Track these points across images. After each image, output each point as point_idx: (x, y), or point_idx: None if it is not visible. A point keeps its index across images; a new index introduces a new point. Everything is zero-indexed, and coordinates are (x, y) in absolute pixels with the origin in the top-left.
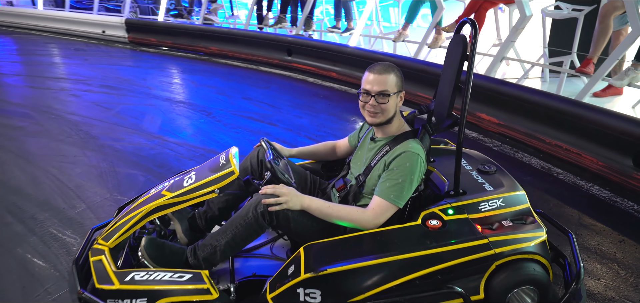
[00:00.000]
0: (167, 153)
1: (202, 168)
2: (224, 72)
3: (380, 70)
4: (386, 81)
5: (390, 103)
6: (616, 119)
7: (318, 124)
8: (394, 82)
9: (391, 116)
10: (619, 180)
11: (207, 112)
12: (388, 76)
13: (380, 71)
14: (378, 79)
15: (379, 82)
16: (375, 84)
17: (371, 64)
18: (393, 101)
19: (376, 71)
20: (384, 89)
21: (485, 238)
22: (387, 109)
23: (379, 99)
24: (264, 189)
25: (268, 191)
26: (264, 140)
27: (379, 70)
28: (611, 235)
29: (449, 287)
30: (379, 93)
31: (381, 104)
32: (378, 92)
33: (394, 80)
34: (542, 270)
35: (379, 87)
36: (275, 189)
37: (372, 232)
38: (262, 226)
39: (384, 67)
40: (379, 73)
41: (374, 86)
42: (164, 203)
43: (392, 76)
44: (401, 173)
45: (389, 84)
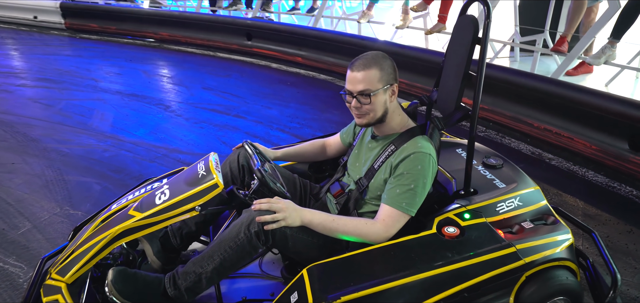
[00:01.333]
0: (124, 155)
1: (176, 181)
2: (178, 59)
3: (359, 66)
4: (367, 78)
5: (376, 102)
6: (611, 101)
7: (289, 115)
8: (377, 77)
9: (381, 115)
10: (615, 164)
11: (165, 106)
12: (369, 72)
13: (359, 67)
14: (358, 77)
15: (359, 80)
16: (355, 83)
17: (352, 60)
18: (379, 99)
19: (355, 67)
20: (365, 89)
21: (511, 246)
22: (373, 109)
23: (362, 99)
24: (257, 204)
25: (263, 207)
26: (247, 143)
27: (358, 66)
28: (617, 225)
29: None
30: (360, 93)
31: (364, 105)
32: (359, 92)
33: (377, 75)
34: (573, 277)
35: (361, 86)
36: (270, 204)
37: (382, 246)
38: (256, 248)
39: (364, 62)
40: (357, 70)
41: (354, 85)
42: (132, 225)
43: (373, 70)
44: (412, 177)
45: (371, 81)
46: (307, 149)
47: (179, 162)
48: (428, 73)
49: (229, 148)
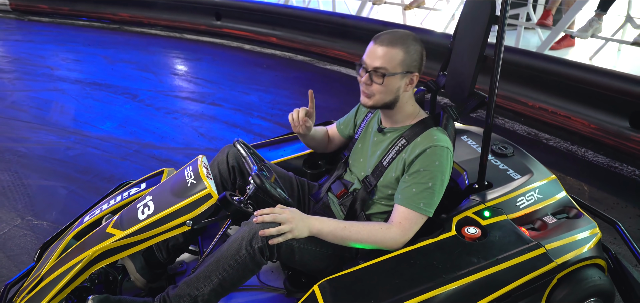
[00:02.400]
0: (91, 153)
1: (161, 191)
2: (142, 43)
3: (384, 41)
4: (388, 56)
5: (389, 85)
6: (610, 78)
7: (270, 101)
8: (399, 58)
9: (389, 101)
10: (615, 143)
11: (132, 95)
12: (391, 50)
13: (384, 42)
14: (378, 52)
15: (378, 55)
16: (373, 58)
17: (379, 32)
18: (393, 84)
19: (379, 41)
20: (381, 66)
21: (541, 247)
22: (383, 91)
23: (375, 77)
24: (259, 216)
25: (266, 219)
26: (239, 142)
27: (382, 40)
28: (626, 209)
29: None
30: (374, 70)
31: (376, 83)
32: (374, 68)
33: (400, 56)
34: (605, 275)
35: (378, 62)
36: (274, 215)
37: (399, 253)
38: (260, 264)
39: (390, 38)
40: (381, 44)
41: (371, 60)
42: (112, 245)
43: (397, 50)
44: (430, 174)
45: (391, 60)
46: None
47: (154, 158)
48: None
49: (208, 141)
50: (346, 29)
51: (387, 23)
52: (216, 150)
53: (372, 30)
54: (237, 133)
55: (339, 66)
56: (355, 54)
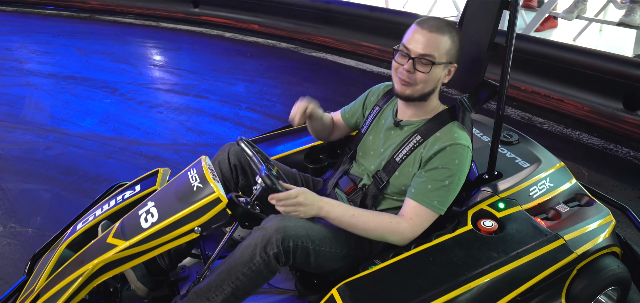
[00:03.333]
0: (73, 152)
1: (164, 196)
2: (116, 32)
3: (432, 27)
4: (436, 43)
5: (433, 75)
6: (603, 60)
7: (257, 91)
8: (446, 47)
9: (428, 92)
10: (609, 125)
11: (111, 89)
12: (441, 38)
13: (431, 28)
14: (426, 38)
15: (425, 42)
16: (419, 44)
17: (422, 18)
18: (438, 73)
19: (427, 26)
20: (429, 53)
21: (559, 238)
22: (426, 80)
23: (419, 65)
24: (275, 201)
25: (280, 206)
26: (243, 141)
27: (431, 26)
28: (625, 192)
29: None
30: (421, 56)
31: (420, 72)
32: (420, 54)
33: (448, 45)
34: (622, 263)
35: (423, 49)
36: (287, 198)
37: (418, 251)
38: (274, 271)
39: (439, 24)
40: (429, 30)
41: (417, 46)
42: (115, 257)
43: (446, 38)
44: (448, 172)
45: (439, 47)
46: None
47: (141, 156)
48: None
49: (196, 135)
50: (331, 14)
51: (372, 8)
52: (206, 145)
53: (357, 16)
54: (226, 126)
55: (325, 52)
56: (342, 40)
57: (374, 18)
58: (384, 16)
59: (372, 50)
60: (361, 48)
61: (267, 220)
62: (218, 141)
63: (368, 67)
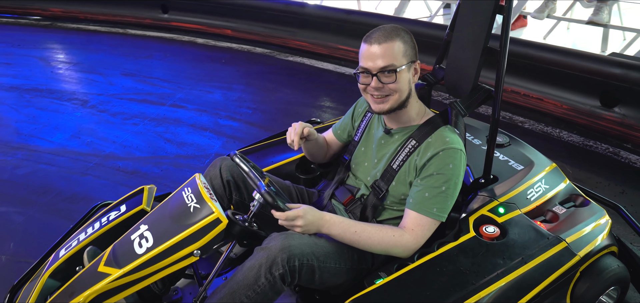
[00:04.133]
0: (45, 171)
1: (158, 218)
2: (81, 41)
3: (380, 38)
4: (390, 52)
5: (401, 80)
6: (580, 59)
7: (236, 99)
8: (401, 50)
9: (406, 97)
10: (587, 122)
11: (81, 101)
12: (391, 44)
13: (379, 39)
14: (379, 50)
15: (379, 54)
16: (376, 59)
17: (368, 33)
18: (404, 77)
19: (374, 39)
20: (388, 64)
21: (562, 241)
22: (397, 89)
23: (384, 77)
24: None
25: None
26: (237, 156)
27: (378, 38)
28: (608, 188)
29: None
30: (382, 70)
31: (387, 84)
32: (381, 68)
33: (401, 48)
34: (621, 262)
35: (382, 62)
36: (286, 218)
37: (424, 262)
38: (280, 292)
39: (384, 34)
40: (378, 42)
41: (374, 61)
42: (108, 287)
43: (396, 43)
44: (444, 178)
45: (395, 54)
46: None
47: (119, 171)
48: None
49: (177, 147)
50: (307, 18)
51: (348, 11)
52: (188, 157)
53: (334, 19)
54: (206, 136)
55: (302, 56)
56: (318, 43)
57: (351, 21)
58: (360, 19)
59: (349, 53)
60: (338, 51)
61: (270, 239)
62: (200, 152)
63: (346, 71)
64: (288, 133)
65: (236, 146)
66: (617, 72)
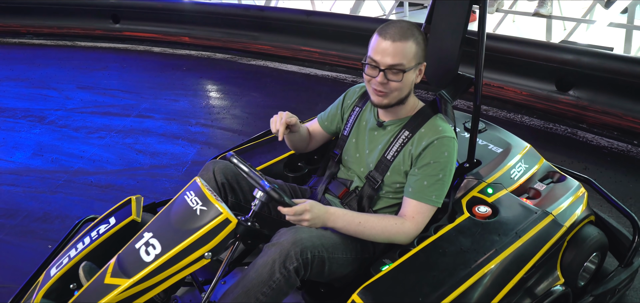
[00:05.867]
0: (9, 191)
1: (162, 225)
2: (27, 56)
3: (395, 35)
4: (403, 51)
5: (406, 81)
6: (536, 48)
7: (204, 106)
8: (412, 52)
9: (405, 96)
10: (546, 107)
11: (38, 117)
12: (406, 44)
13: (394, 36)
14: (391, 48)
15: (392, 52)
16: (386, 55)
17: (383, 26)
18: (410, 78)
19: (389, 36)
20: (398, 63)
21: (549, 214)
22: (401, 88)
23: (391, 75)
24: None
25: (292, 219)
26: (235, 157)
27: (393, 35)
28: (572, 165)
29: (553, 291)
30: (390, 67)
31: (392, 81)
32: (390, 65)
33: (414, 49)
34: (600, 230)
35: (392, 60)
36: (295, 213)
37: (426, 245)
38: (293, 285)
39: (401, 32)
40: (393, 40)
41: (384, 57)
42: (120, 297)
43: (411, 43)
44: (440, 166)
45: (406, 54)
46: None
47: (92, 186)
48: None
49: (150, 157)
50: (267, 21)
51: (309, 12)
52: (164, 166)
53: (294, 21)
54: (180, 145)
55: (265, 60)
56: (281, 46)
57: (312, 22)
58: (322, 20)
59: (313, 54)
60: (302, 53)
61: (279, 235)
62: (175, 160)
63: (311, 72)
64: (272, 121)
65: (212, 153)
66: (569, 58)
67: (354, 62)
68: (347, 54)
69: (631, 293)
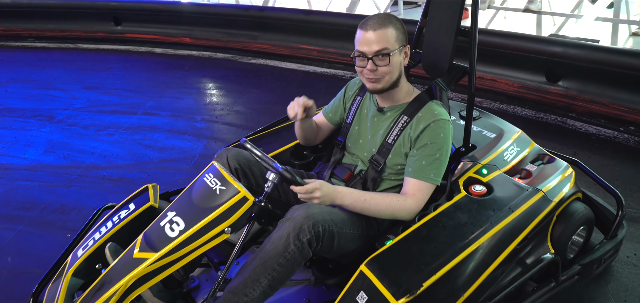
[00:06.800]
0: (25, 186)
1: (184, 204)
2: (31, 58)
3: (375, 25)
4: (384, 37)
5: (393, 63)
6: (526, 41)
7: (208, 103)
8: (394, 36)
9: (397, 78)
10: (537, 97)
11: (47, 117)
12: (386, 30)
13: (374, 26)
14: (374, 36)
15: (375, 40)
16: (371, 44)
17: (363, 21)
18: (396, 60)
19: (370, 26)
20: (382, 48)
21: (539, 191)
22: (390, 71)
23: (378, 60)
24: (302, 194)
25: (315, 201)
26: (248, 143)
27: (373, 25)
28: (562, 151)
29: (543, 258)
30: (377, 53)
31: (381, 66)
32: (376, 52)
33: (394, 34)
34: (586, 206)
35: (377, 46)
36: (306, 191)
37: (427, 220)
38: (306, 257)
39: (379, 21)
40: (373, 29)
41: (370, 46)
42: (148, 269)
43: (390, 29)
44: (437, 146)
45: (389, 39)
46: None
47: (105, 180)
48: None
49: (159, 152)
50: (266, 21)
51: (307, 11)
52: (172, 160)
53: (293, 20)
54: (187, 140)
55: (265, 59)
56: (279, 45)
57: (310, 21)
58: (320, 19)
59: (311, 52)
60: (300, 51)
61: (292, 211)
62: (183, 155)
63: (310, 69)
64: (290, 107)
65: (219, 147)
66: (558, 51)
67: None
68: (345, 51)
69: (616, 264)
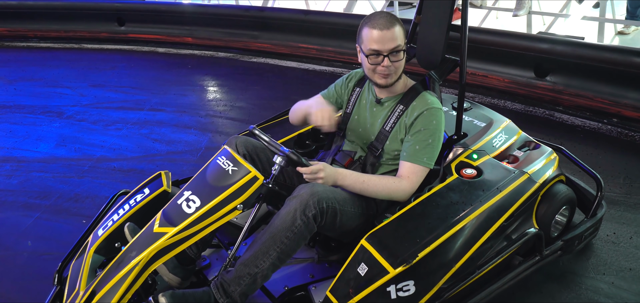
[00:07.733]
0: (40, 177)
1: (199, 184)
2: (37, 58)
3: (386, 23)
4: (396, 35)
5: (403, 59)
6: (515, 38)
7: (212, 99)
8: (402, 33)
9: (401, 72)
10: (526, 92)
11: (56, 113)
12: (396, 28)
13: (387, 25)
14: (387, 35)
15: (390, 38)
16: (386, 42)
17: (369, 19)
18: (403, 55)
19: (382, 25)
20: (396, 45)
21: (525, 173)
22: (400, 66)
23: (393, 57)
24: (308, 174)
25: (318, 181)
26: (256, 129)
27: (385, 24)
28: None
29: (528, 232)
30: (392, 51)
31: (395, 62)
32: (391, 49)
33: (401, 31)
34: (569, 187)
35: (392, 44)
36: (311, 172)
37: (422, 200)
38: (312, 231)
39: (389, 19)
40: (386, 28)
41: (384, 44)
42: (168, 242)
43: (398, 26)
44: (429, 132)
45: (399, 37)
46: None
47: (116, 171)
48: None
49: (167, 145)
50: (266, 20)
51: (306, 11)
52: (179, 152)
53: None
54: (193, 133)
55: (265, 57)
56: (280, 44)
57: (310, 21)
58: (318, 18)
59: (310, 50)
60: (300, 49)
61: (298, 190)
62: (189, 147)
63: (310, 67)
64: (317, 117)
65: (223, 140)
66: (545, 47)
67: (350, 57)
68: (343, 50)
69: (596, 241)
